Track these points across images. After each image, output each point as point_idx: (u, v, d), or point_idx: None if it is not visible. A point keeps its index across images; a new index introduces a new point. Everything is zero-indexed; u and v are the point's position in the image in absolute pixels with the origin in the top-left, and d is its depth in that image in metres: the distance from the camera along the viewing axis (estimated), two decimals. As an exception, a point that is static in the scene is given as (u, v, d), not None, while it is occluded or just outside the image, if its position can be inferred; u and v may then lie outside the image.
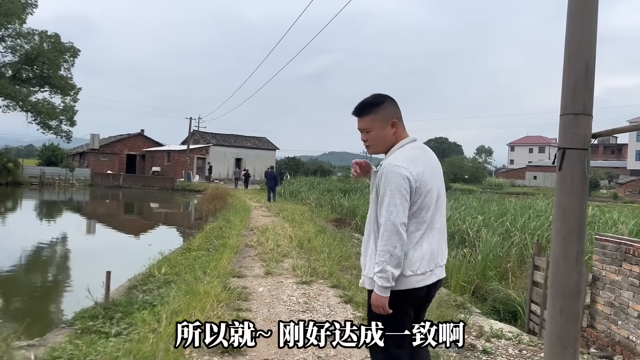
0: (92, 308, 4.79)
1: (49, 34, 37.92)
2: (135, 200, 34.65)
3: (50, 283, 9.53)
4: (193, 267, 6.86)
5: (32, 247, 13.11)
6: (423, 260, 2.39)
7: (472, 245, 11.26)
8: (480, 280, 8.84)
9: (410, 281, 2.35)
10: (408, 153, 2.45)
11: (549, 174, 78.21)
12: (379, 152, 2.57)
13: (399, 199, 2.30)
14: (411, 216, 2.37)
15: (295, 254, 8.32)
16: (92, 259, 11.74)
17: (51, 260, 12.04)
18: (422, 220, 2.40)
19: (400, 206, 2.30)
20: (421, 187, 2.38)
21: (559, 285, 3.24)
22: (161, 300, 4.96)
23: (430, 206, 2.43)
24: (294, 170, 55.44)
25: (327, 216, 16.65)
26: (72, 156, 57.78)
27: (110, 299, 5.02)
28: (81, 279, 9.38)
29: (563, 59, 3.22)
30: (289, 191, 28.12)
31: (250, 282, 6.38)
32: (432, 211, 2.45)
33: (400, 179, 2.32)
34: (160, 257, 7.63)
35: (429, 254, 2.42)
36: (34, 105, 36.97)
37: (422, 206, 2.39)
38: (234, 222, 12.35)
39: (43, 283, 9.55)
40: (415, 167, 2.38)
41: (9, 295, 8.36)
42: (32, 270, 10.83)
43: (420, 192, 2.38)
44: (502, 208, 16.69)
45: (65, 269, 11.08)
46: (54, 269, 11.01)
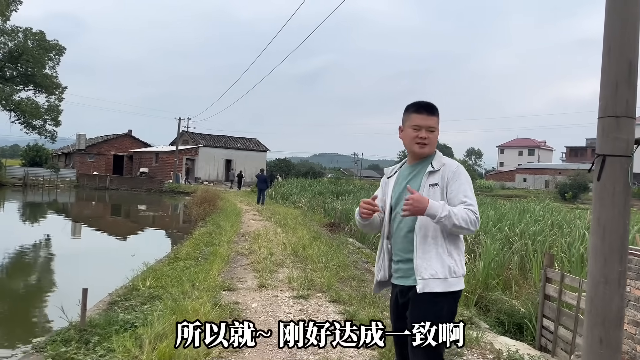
0: (66, 330, 4.30)
1: (33, 32, 37.00)
2: (121, 203, 33.93)
3: (24, 296, 8.75)
4: (181, 279, 6.37)
5: (7, 254, 12.46)
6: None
7: (471, 252, 10.89)
8: (482, 290, 8.46)
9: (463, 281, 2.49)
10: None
11: (538, 177, 78.48)
12: (429, 152, 2.59)
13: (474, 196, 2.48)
14: None
15: (290, 263, 7.86)
16: (72, 268, 11.18)
17: (27, 269, 11.41)
18: None
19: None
20: None
21: (599, 312, 2.82)
22: (144, 320, 4.46)
23: None
24: (285, 172, 54.95)
25: (321, 220, 16.22)
26: (58, 157, 56.76)
27: (88, 318, 4.53)
28: (59, 291, 8.82)
29: (602, 55, 2.82)
30: (280, 193, 27.64)
31: (242, 296, 5.91)
32: None
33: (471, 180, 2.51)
34: (145, 268, 7.10)
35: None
36: (17, 105, 36.05)
37: None
38: (225, 227, 11.85)
39: (15, 296, 8.81)
40: None
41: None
42: (4, 281, 10.21)
43: None
44: (498, 212, 16.34)
45: (41, 280, 10.40)
46: (29, 279, 10.36)
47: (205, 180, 47.50)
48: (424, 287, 2.39)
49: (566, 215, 16.21)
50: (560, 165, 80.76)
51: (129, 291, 5.83)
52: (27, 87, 38.54)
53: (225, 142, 52.79)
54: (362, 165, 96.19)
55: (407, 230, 2.51)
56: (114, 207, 31.83)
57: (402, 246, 2.54)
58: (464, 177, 2.48)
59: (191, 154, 48.80)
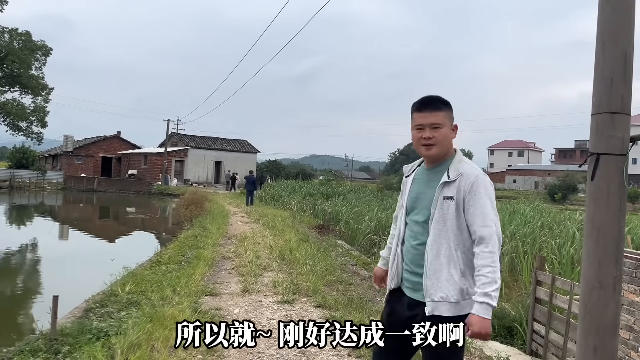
0: (35, 339, 4.08)
1: (19, 32, 36.48)
2: (108, 205, 33.53)
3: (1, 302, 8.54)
4: (161, 284, 6.15)
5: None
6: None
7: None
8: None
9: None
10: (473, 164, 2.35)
11: (528, 178, 78.93)
12: (440, 154, 2.32)
13: (495, 210, 2.22)
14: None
15: (276, 266, 7.67)
16: (53, 272, 10.91)
17: (7, 274, 11.11)
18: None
19: (497, 218, 2.22)
20: None
21: (593, 319, 2.67)
22: (119, 328, 4.25)
23: None
24: (275, 174, 54.70)
25: (310, 222, 16.02)
26: (45, 159, 56.06)
27: (60, 327, 4.31)
28: (38, 297, 8.56)
29: (595, 49, 2.67)
30: (270, 195, 27.40)
31: (225, 301, 5.70)
32: None
33: (492, 188, 2.24)
34: (126, 272, 6.87)
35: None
36: (3, 106, 35.54)
37: None
38: (211, 229, 11.61)
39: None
40: None
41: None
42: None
43: None
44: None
45: (20, 285, 10.11)
46: (8, 284, 10.09)
47: (194, 182, 47.12)
48: (433, 309, 2.19)
49: (556, 216, 16.19)
50: (549, 167, 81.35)
51: (107, 297, 5.61)
52: (12, 89, 38.01)
53: (215, 144, 52.43)
54: (353, 167, 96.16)
55: (419, 243, 2.32)
56: (101, 210, 31.43)
57: (412, 257, 2.35)
58: (482, 191, 2.19)
59: (180, 156, 48.39)
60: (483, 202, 2.18)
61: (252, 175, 25.17)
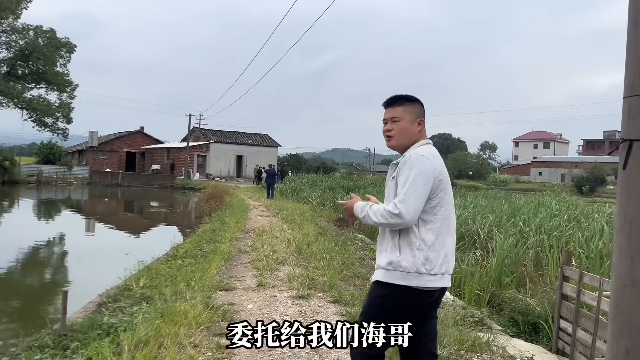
0: (45, 335, 4.03)
1: (44, 29, 37.08)
2: (132, 199, 33.96)
3: (19, 296, 8.49)
4: (176, 278, 6.08)
5: (12, 251, 12.30)
6: (438, 260, 2.34)
7: (484, 248, 10.51)
8: (495, 288, 8.07)
9: (424, 279, 2.30)
10: (431, 150, 2.48)
11: (554, 170, 77.32)
12: (399, 145, 2.55)
13: (420, 185, 2.29)
14: (430, 211, 2.35)
15: (293, 260, 7.54)
16: (73, 264, 10.99)
17: (28, 268, 11.26)
18: (441, 218, 2.38)
19: (420, 192, 2.29)
20: (442, 183, 2.39)
21: (625, 319, 2.43)
22: (129, 323, 4.18)
23: (448, 207, 2.43)
24: (296, 168, 54.69)
25: (330, 215, 15.87)
26: (71, 154, 57.09)
27: (70, 322, 4.26)
28: (56, 289, 8.58)
29: (627, 28, 2.43)
30: (291, 189, 27.34)
31: (239, 296, 5.60)
32: (450, 213, 2.46)
33: (425, 167, 2.33)
34: (142, 266, 6.83)
35: (443, 256, 2.37)
36: (29, 102, 36.16)
37: (441, 203, 2.38)
38: (229, 223, 11.56)
39: (12, 295, 8.59)
40: (439, 161, 2.44)
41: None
42: (5, 280, 10.02)
43: (441, 187, 2.39)
44: (513, 206, 15.82)
45: (40, 277, 10.24)
46: (28, 278, 10.19)
47: (216, 177, 47.42)
48: (375, 276, 2.45)
49: (584, 209, 15.69)
50: (576, 158, 79.40)
51: (121, 292, 5.56)
52: (38, 85, 38.69)
53: (236, 138, 52.65)
54: (375, 160, 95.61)
55: None
56: (124, 204, 31.85)
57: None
58: (407, 167, 2.35)
59: (202, 150, 48.73)
60: (405, 177, 2.32)
61: (272, 169, 25.51)
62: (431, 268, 2.31)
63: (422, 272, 2.29)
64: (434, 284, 2.32)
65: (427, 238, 2.32)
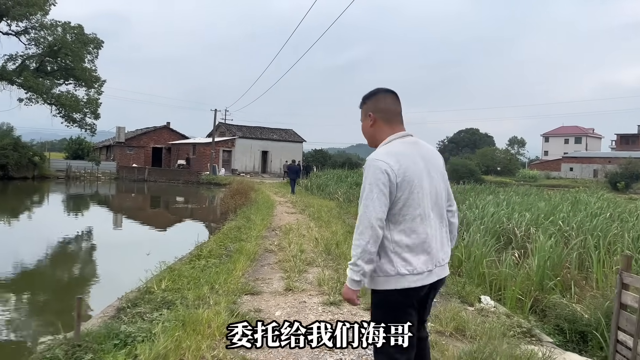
0: (58, 344, 3.71)
1: (72, 25, 37.44)
2: (158, 195, 34.10)
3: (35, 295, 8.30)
4: (199, 280, 5.75)
5: (29, 248, 12.21)
6: (419, 259, 2.33)
7: (521, 247, 9.96)
8: (537, 292, 7.53)
9: (407, 280, 2.31)
10: (391, 148, 2.42)
11: (586, 166, 75.17)
12: (369, 144, 2.60)
13: (375, 193, 2.27)
14: (398, 212, 2.32)
15: (322, 261, 7.14)
16: (98, 262, 10.82)
17: (47, 263, 11.15)
18: (412, 217, 2.33)
19: (377, 200, 2.27)
20: (404, 182, 2.31)
21: None
22: (148, 332, 3.84)
23: (420, 203, 2.36)
24: (321, 163, 54.30)
25: (357, 212, 15.44)
26: (99, 149, 57.89)
27: (85, 330, 3.94)
28: (76, 290, 8.38)
29: None
30: (316, 185, 26.96)
31: (266, 301, 5.23)
32: (425, 208, 2.38)
33: (378, 173, 2.29)
34: (164, 267, 6.51)
35: (424, 253, 2.35)
36: (57, 98, 36.62)
37: (409, 203, 2.33)
38: (255, 220, 11.22)
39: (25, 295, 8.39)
40: (397, 161, 2.33)
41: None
42: (30, 277, 9.89)
43: (403, 187, 2.31)
44: (549, 204, 15.08)
45: (60, 275, 10.07)
46: (50, 275, 10.06)
47: (242, 172, 47.39)
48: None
49: (626, 206, 14.87)
50: (610, 154, 76.97)
51: (141, 295, 5.24)
52: (67, 81, 39.15)
53: (261, 133, 52.51)
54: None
55: None
56: (150, 200, 31.97)
57: None
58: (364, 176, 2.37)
59: (228, 146, 48.74)
60: (363, 184, 2.35)
61: (294, 165, 25.68)
62: (413, 268, 2.30)
63: (404, 273, 2.29)
64: (420, 282, 2.32)
65: (399, 239, 2.31)
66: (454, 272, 7.88)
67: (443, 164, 2.58)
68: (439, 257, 2.42)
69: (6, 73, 35.02)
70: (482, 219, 12.06)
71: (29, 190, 32.14)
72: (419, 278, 2.31)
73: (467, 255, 8.57)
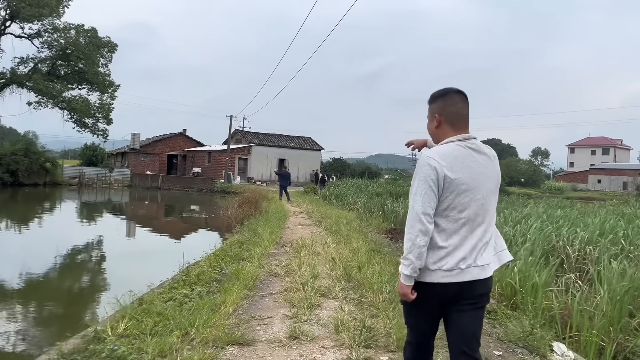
0: None
1: (85, 28, 36.52)
2: (170, 203, 32.87)
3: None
4: (172, 320, 4.18)
5: (20, 261, 10.88)
6: (450, 257, 2.29)
7: (576, 270, 8.26)
8: (616, 334, 5.78)
9: (435, 275, 2.29)
10: (447, 148, 2.38)
11: (614, 178, 72.42)
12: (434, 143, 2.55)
13: (424, 189, 2.27)
14: (441, 213, 2.29)
15: (340, 291, 5.52)
16: (87, 274, 9.37)
17: (35, 280, 9.75)
18: (454, 219, 2.30)
19: (426, 196, 2.27)
20: (453, 185, 2.28)
21: None
22: None
23: (466, 207, 2.31)
24: (340, 172, 52.69)
25: (379, 225, 13.78)
26: (114, 156, 57.11)
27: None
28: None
29: None
30: (335, 194, 25.37)
31: (259, 357, 3.65)
32: (470, 213, 2.31)
33: (428, 170, 2.29)
34: (132, 298, 4.93)
35: (459, 254, 2.30)
36: (68, 102, 35.65)
37: (454, 205, 2.29)
38: (262, 234, 9.64)
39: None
40: (448, 163, 2.30)
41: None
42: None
43: (451, 189, 2.29)
44: (596, 220, 13.16)
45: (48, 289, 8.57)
46: (33, 291, 8.65)
47: (257, 180, 46.02)
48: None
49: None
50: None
51: (85, 344, 3.71)
52: (80, 86, 38.24)
53: (278, 141, 51.13)
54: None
55: None
56: (160, 209, 30.68)
57: None
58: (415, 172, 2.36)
59: (244, 153, 47.45)
60: (412, 180, 2.35)
61: (285, 171, 25.37)
62: (443, 264, 2.29)
63: (433, 268, 2.29)
64: (448, 279, 2.28)
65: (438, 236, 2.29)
66: (507, 305, 6.21)
67: (499, 174, 2.47)
68: (477, 259, 2.33)
69: (16, 76, 34.25)
70: (523, 235, 10.34)
71: (37, 197, 31.12)
72: (447, 275, 2.29)
73: (521, 283, 6.87)
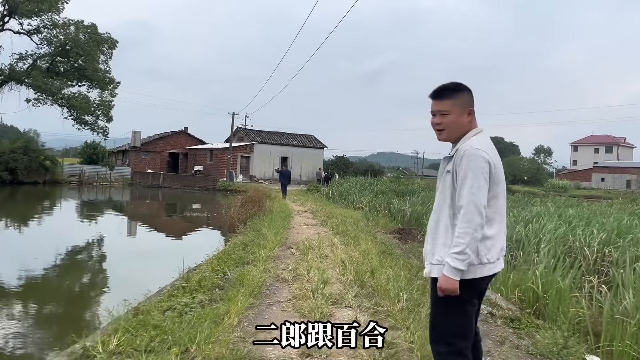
0: None
1: (85, 24, 36.02)
2: (171, 202, 32.45)
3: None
4: (170, 335, 3.76)
5: (13, 262, 10.46)
6: (494, 248, 2.38)
7: (595, 272, 7.84)
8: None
9: (485, 269, 2.35)
10: (485, 140, 2.47)
11: (618, 176, 71.91)
12: (451, 138, 2.52)
13: (482, 181, 2.30)
14: (487, 202, 2.32)
15: (353, 298, 5.09)
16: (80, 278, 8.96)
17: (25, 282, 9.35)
18: (496, 208, 2.39)
19: (483, 189, 2.29)
20: (497, 175, 2.38)
21: None
22: None
23: (500, 196, 2.42)
24: (343, 170, 52.28)
25: (386, 225, 13.36)
26: (115, 154, 56.66)
27: None
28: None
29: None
30: (338, 192, 24.95)
31: (269, 379, 3.23)
32: (502, 201, 2.45)
33: (483, 162, 2.33)
34: (127, 309, 4.50)
35: (499, 243, 2.41)
36: (68, 99, 35.17)
37: (496, 194, 2.39)
38: (267, 235, 9.21)
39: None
40: (493, 153, 2.42)
41: None
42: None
43: (495, 180, 2.38)
44: (611, 220, 12.70)
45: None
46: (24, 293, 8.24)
47: (260, 179, 45.59)
48: (430, 271, 2.46)
49: None
50: (644, 164, 73.58)
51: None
52: (80, 83, 37.76)
53: (281, 139, 50.68)
54: (423, 164, 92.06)
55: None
56: (160, 208, 30.27)
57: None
58: (464, 163, 2.34)
59: (246, 151, 47.01)
60: (464, 173, 2.33)
61: (287, 170, 25.88)
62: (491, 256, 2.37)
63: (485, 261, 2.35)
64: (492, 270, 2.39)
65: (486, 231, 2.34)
66: (531, 313, 5.76)
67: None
68: (503, 248, 2.48)
69: (15, 73, 33.81)
70: (536, 236, 9.89)
71: (36, 196, 30.70)
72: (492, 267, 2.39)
73: (544, 287, 6.43)
